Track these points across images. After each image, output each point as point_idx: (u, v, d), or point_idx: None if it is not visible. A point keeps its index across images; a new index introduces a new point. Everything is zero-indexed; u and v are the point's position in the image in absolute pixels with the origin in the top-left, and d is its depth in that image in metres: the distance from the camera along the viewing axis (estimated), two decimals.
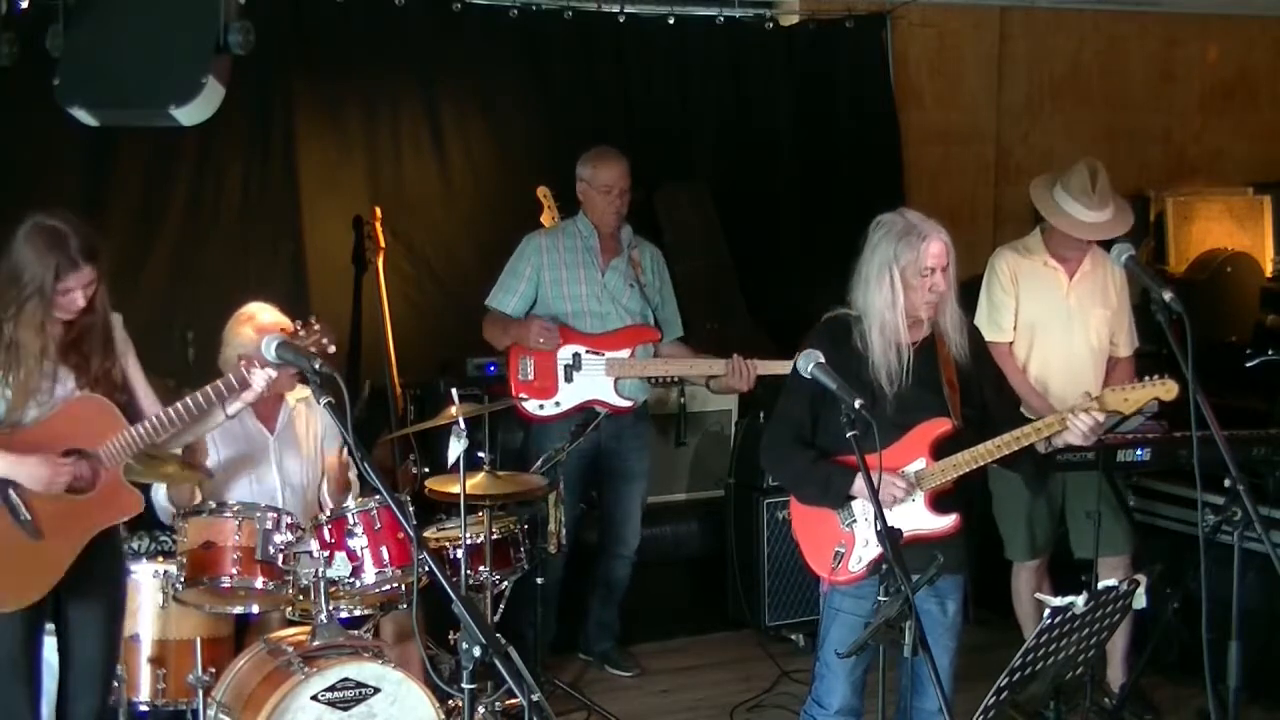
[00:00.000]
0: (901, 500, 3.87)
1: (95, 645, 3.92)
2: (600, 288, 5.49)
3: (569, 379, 5.42)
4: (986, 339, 4.87)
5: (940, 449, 3.91)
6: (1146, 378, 3.95)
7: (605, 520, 5.73)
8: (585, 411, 5.44)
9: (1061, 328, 5.08)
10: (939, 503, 3.93)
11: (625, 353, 5.45)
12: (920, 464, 3.91)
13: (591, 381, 5.42)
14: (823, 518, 3.95)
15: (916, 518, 3.92)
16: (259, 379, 3.91)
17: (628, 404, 5.48)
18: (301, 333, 4.01)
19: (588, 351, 5.43)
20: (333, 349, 3.98)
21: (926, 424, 3.90)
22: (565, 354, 5.42)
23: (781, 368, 5.27)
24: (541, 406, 5.42)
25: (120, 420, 3.79)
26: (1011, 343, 5.10)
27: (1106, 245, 4.88)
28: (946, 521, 3.94)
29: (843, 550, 3.88)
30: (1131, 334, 5.18)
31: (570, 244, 5.51)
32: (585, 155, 5.56)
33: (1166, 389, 3.91)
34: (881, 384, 3.87)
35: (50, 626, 3.89)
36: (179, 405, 3.84)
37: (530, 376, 5.42)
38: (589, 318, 5.46)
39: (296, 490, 4.80)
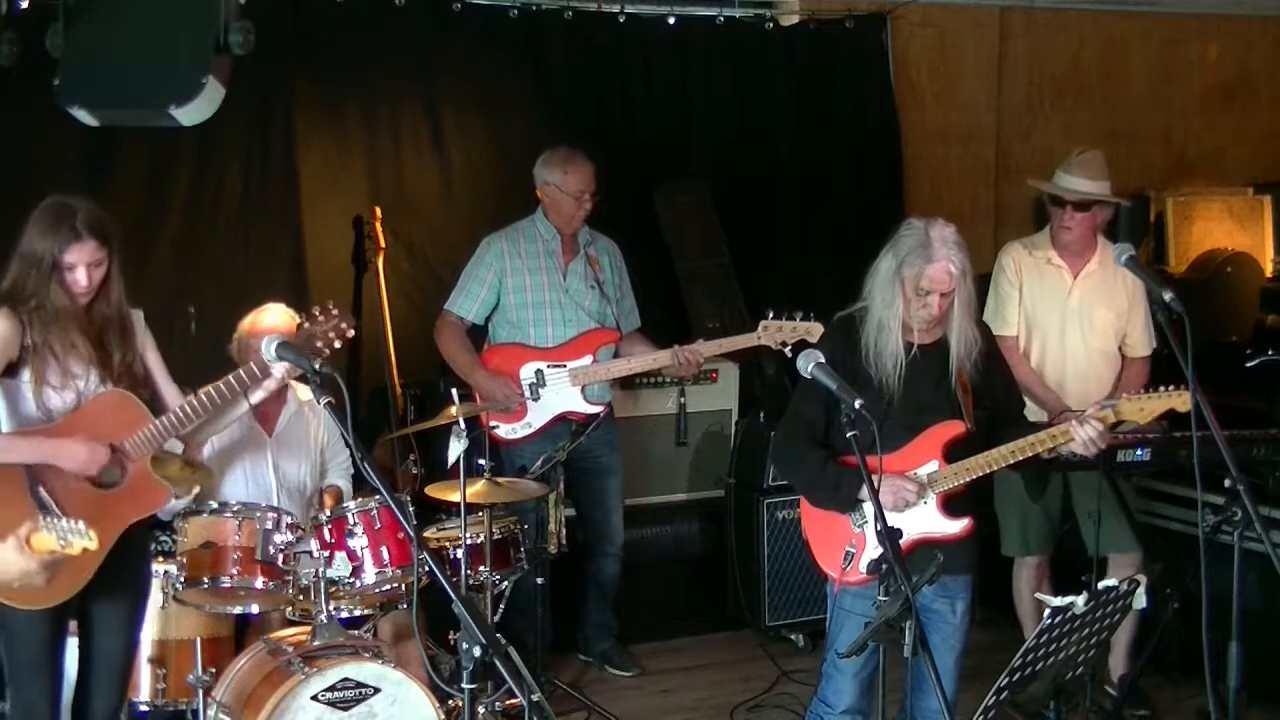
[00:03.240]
0: (913, 503, 3.87)
1: (117, 643, 3.94)
2: (562, 292, 5.46)
3: (536, 397, 5.39)
4: (994, 332, 4.90)
5: (952, 452, 3.90)
6: (1162, 388, 3.94)
7: (585, 520, 5.71)
8: (564, 422, 5.42)
9: (1058, 326, 5.10)
10: (950, 506, 3.93)
11: (587, 359, 5.42)
12: (933, 466, 3.91)
13: (558, 395, 5.40)
14: (833, 518, 3.95)
15: (928, 521, 3.92)
16: (278, 367, 3.91)
17: (598, 408, 5.47)
18: (320, 318, 4.01)
19: (549, 366, 5.39)
20: (351, 332, 3.99)
21: (939, 427, 3.90)
22: (527, 372, 5.39)
23: (727, 346, 5.31)
24: (515, 430, 5.39)
25: (144, 413, 3.82)
26: (1017, 335, 5.11)
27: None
28: (958, 525, 3.94)
29: (853, 551, 3.88)
30: (1147, 335, 5.15)
31: (531, 248, 5.47)
32: (551, 157, 5.49)
33: (1182, 400, 3.90)
34: (885, 379, 3.87)
35: (69, 624, 3.90)
36: (200, 396, 3.87)
37: None
38: (551, 324, 5.43)
39: (293, 493, 4.80)
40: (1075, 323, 5.10)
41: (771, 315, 5.25)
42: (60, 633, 3.82)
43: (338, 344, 3.54)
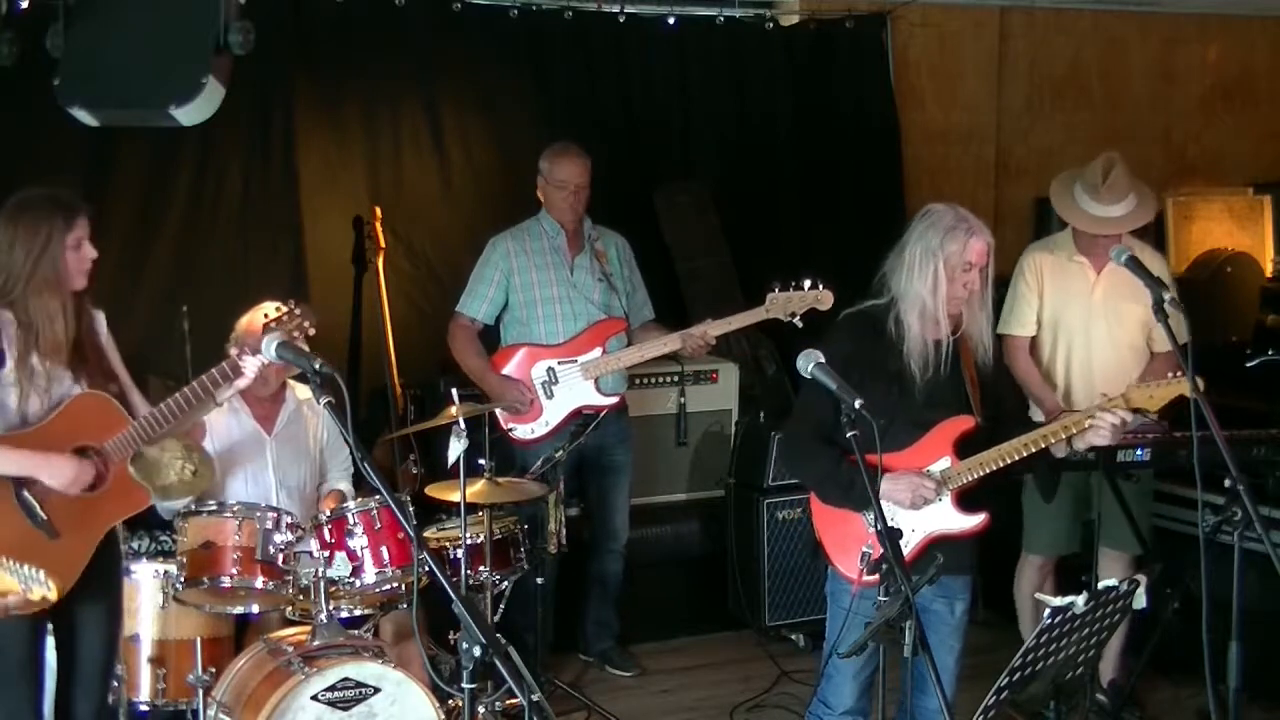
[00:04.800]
0: (931, 500, 3.86)
1: (97, 644, 3.92)
2: (570, 287, 5.46)
3: (550, 395, 5.39)
4: (1008, 333, 4.94)
5: (963, 447, 3.90)
6: (1170, 374, 3.92)
7: (593, 516, 5.72)
8: (581, 417, 5.42)
9: (1083, 323, 5.08)
10: (965, 501, 3.91)
11: (596, 352, 5.42)
12: (945, 463, 3.89)
13: (572, 390, 5.40)
14: (847, 519, 3.92)
15: (944, 518, 3.91)
16: (250, 366, 3.92)
17: (613, 400, 5.47)
18: (285, 318, 4.01)
19: (560, 363, 5.39)
20: (312, 331, 4.01)
21: (950, 422, 3.89)
22: (539, 371, 5.40)
23: (736, 323, 5.28)
24: (533, 430, 5.39)
25: (122, 415, 3.81)
26: (1033, 338, 5.11)
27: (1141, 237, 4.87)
28: (974, 521, 3.92)
29: (869, 551, 3.84)
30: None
31: (537, 245, 5.48)
32: (547, 149, 5.52)
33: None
34: (914, 371, 3.85)
35: (48, 626, 3.88)
36: (177, 396, 3.85)
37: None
38: (560, 320, 5.43)
39: (293, 492, 4.80)
40: (1101, 319, 5.07)
41: (778, 287, 5.17)
42: (40, 639, 3.80)
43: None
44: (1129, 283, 5.01)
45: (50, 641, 3.92)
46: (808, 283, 5.15)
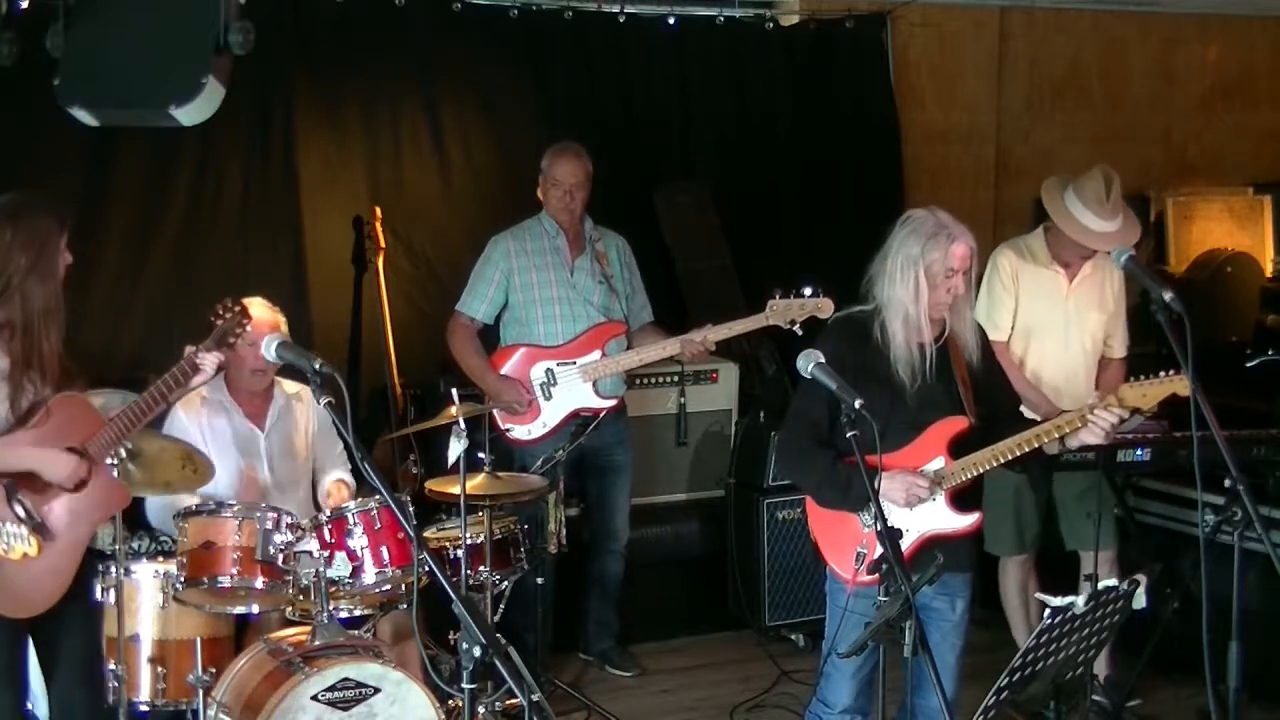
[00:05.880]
0: (925, 499, 3.87)
1: (81, 643, 3.92)
2: (570, 288, 5.46)
3: (548, 396, 5.40)
4: None
5: (957, 448, 3.90)
6: (1163, 373, 3.91)
7: (593, 517, 5.72)
8: (578, 419, 5.42)
9: (1059, 330, 5.09)
10: (960, 501, 3.92)
11: (595, 354, 5.42)
12: (939, 463, 3.90)
13: (570, 392, 5.40)
14: (843, 519, 3.93)
15: (939, 517, 3.91)
16: (208, 363, 3.93)
17: (611, 402, 5.47)
18: (225, 315, 4.03)
19: (559, 364, 5.40)
20: (247, 320, 4.08)
21: (943, 423, 3.89)
22: (538, 372, 5.40)
23: (737, 329, 5.27)
24: (529, 431, 5.40)
25: (99, 416, 3.81)
26: (1008, 340, 5.09)
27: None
28: (969, 520, 3.93)
29: (864, 552, 3.84)
30: (1125, 336, 5.19)
31: (537, 245, 5.48)
32: (550, 148, 5.53)
33: (1183, 384, 3.88)
34: (902, 378, 3.86)
35: (27, 632, 3.85)
36: (145, 395, 3.86)
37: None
38: (560, 321, 5.44)
39: (287, 487, 4.80)
40: (1073, 327, 5.09)
41: (779, 294, 5.17)
42: (21, 644, 3.79)
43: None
44: (1095, 290, 5.09)
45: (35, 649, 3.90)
46: (808, 290, 5.15)
